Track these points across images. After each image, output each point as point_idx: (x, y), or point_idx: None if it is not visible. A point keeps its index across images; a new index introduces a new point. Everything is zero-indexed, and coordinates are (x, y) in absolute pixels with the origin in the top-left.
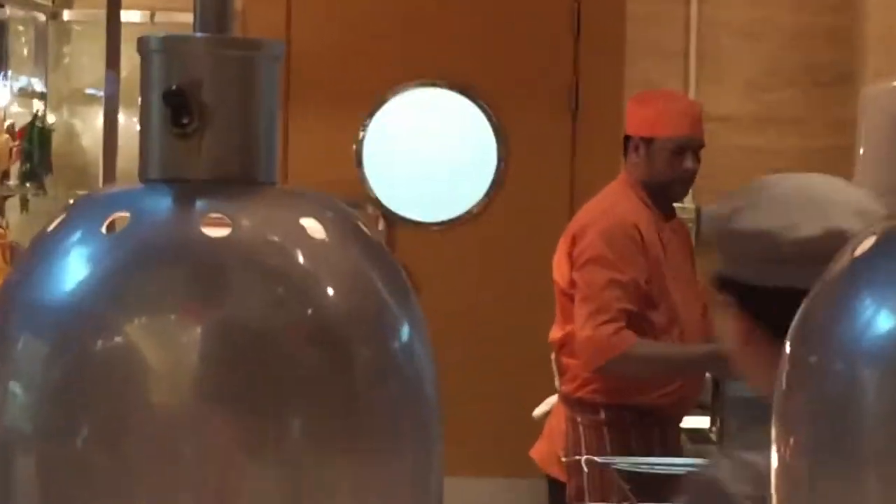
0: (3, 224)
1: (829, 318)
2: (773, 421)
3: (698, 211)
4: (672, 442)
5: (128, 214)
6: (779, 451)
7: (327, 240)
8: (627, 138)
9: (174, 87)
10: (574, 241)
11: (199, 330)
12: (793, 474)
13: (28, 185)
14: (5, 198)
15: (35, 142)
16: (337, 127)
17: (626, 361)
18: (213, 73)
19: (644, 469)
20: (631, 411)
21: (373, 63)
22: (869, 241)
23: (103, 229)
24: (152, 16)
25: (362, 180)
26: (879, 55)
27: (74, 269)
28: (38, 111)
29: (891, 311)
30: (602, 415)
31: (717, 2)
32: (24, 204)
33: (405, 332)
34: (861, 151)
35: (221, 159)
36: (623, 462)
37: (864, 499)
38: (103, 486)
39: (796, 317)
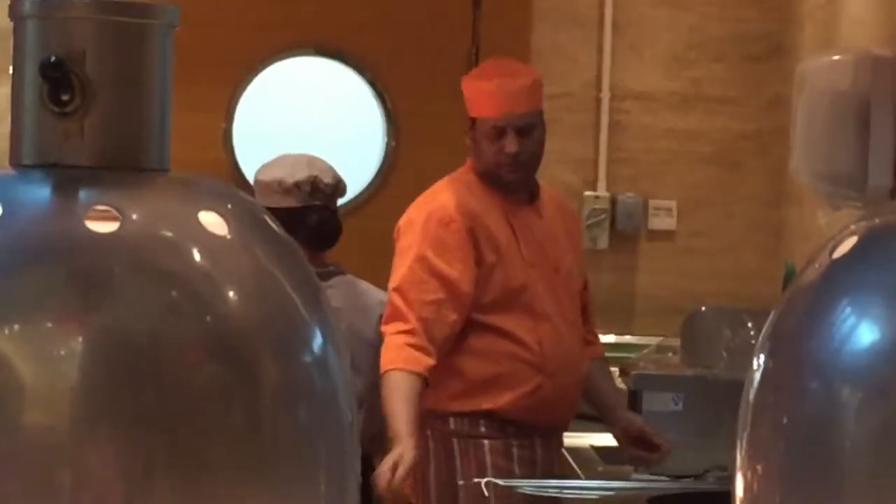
0: None
1: (804, 329)
2: (739, 444)
3: (613, 201)
4: (546, 460)
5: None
6: (744, 478)
7: (229, 237)
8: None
9: (52, 59)
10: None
11: (79, 340)
12: (761, 503)
13: None
14: None
15: None
16: (201, 103)
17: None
18: (99, 43)
19: (552, 493)
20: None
21: (243, 29)
22: (849, 243)
23: None
24: None
25: (231, 164)
26: (816, 25)
27: None
28: None
29: (875, 322)
30: (451, 425)
31: None
32: None
33: (317, 342)
34: (796, 133)
35: (107, 143)
36: (531, 485)
37: None
38: None
39: (766, 329)
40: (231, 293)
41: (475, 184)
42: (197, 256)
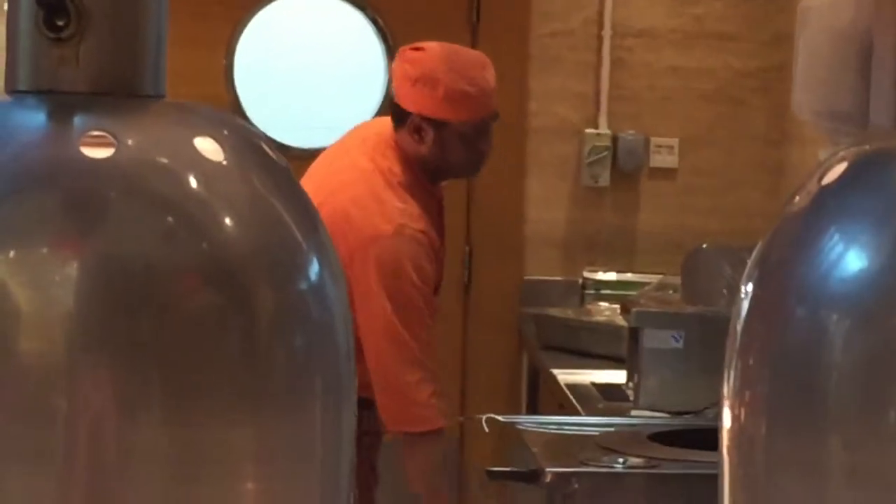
0: None
1: (791, 257)
2: (726, 374)
3: (615, 139)
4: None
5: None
6: (732, 408)
7: (225, 162)
8: (401, 110)
9: None
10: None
11: (75, 266)
12: (748, 433)
13: None
14: None
15: None
16: (203, 40)
17: None
18: None
19: (552, 429)
20: None
21: None
22: (838, 169)
23: None
24: None
25: (233, 100)
26: None
27: None
28: None
29: (862, 250)
30: None
31: None
32: None
33: (314, 268)
34: (798, 71)
35: (103, 69)
36: (530, 421)
37: (827, 462)
38: None
39: (754, 257)
40: (227, 219)
41: (412, 186)
42: (192, 182)
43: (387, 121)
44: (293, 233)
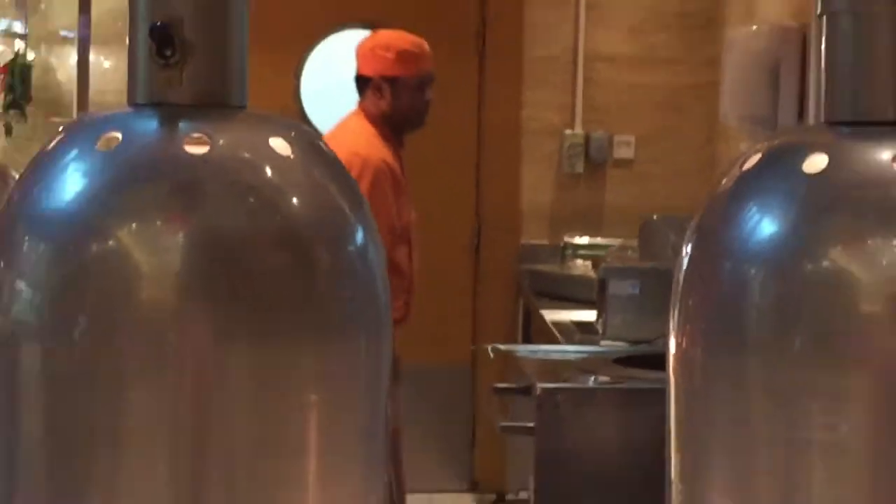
0: None
1: (720, 224)
2: (671, 312)
3: (587, 137)
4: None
5: (118, 135)
6: (676, 337)
7: (292, 157)
8: (364, 79)
9: (159, 24)
10: None
11: (181, 235)
12: (688, 356)
13: (11, 112)
14: None
15: (17, 76)
16: (277, 66)
17: None
18: (194, 11)
19: (541, 355)
20: None
21: (309, 7)
22: (755, 158)
23: (97, 147)
24: None
25: (300, 113)
26: (739, 4)
27: (72, 183)
28: (19, 50)
29: (773, 218)
30: None
31: None
32: (8, 130)
33: (359, 236)
34: (725, 86)
35: (200, 86)
36: (525, 349)
37: (748, 378)
38: (97, 370)
39: (692, 224)
40: (294, 199)
41: (377, 134)
42: (268, 172)
43: (353, 114)
44: (343, 210)
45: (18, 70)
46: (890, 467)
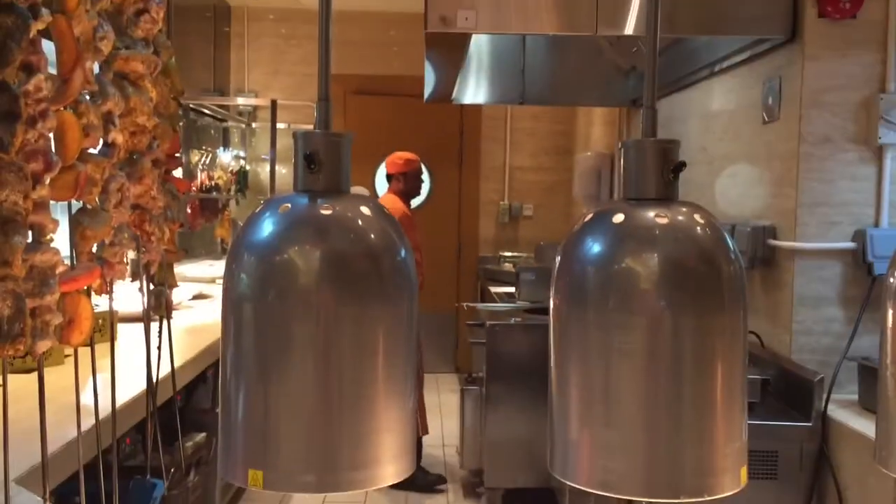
0: (228, 211)
1: (573, 247)
2: (552, 288)
3: (510, 205)
4: None
5: (289, 205)
6: (553, 300)
7: (370, 214)
8: (390, 175)
9: (308, 153)
10: None
11: (318, 252)
12: (558, 309)
13: (237, 194)
14: (228, 200)
15: (241, 177)
16: (358, 172)
17: None
18: (325, 147)
19: (490, 308)
20: None
21: (378, 141)
22: (588, 215)
23: (279, 210)
24: (288, 125)
25: (373, 192)
26: (581, 141)
27: (267, 226)
28: (242, 164)
29: (597, 243)
30: None
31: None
32: (238, 202)
33: (403, 251)
34: (575, 179)
35: (326, 182)
36: (481, 306)
37: (587, 319)
38: (278, 317)
39: (560, 246)
40: (372, 234)
41: (400, 201)
42: (360, 221)
43: (388, 192)
44: (395, 238)
45: (242, 174)
46: (656, 364)
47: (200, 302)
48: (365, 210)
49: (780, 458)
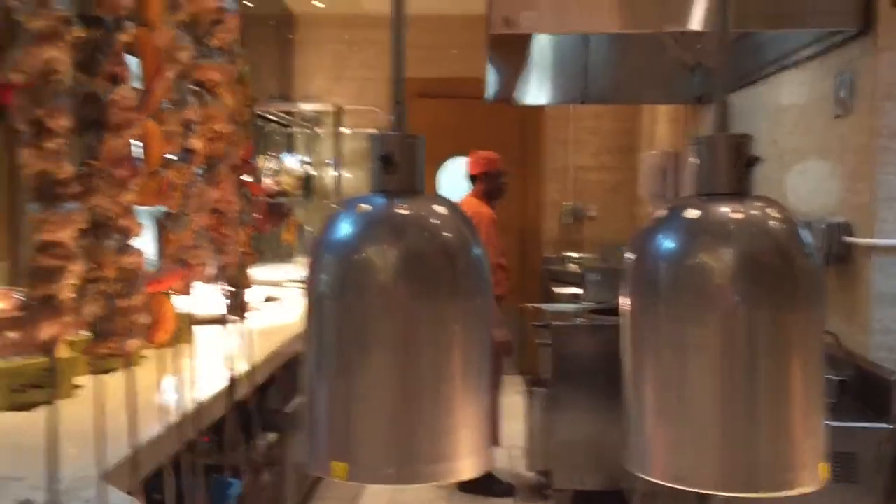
0: (294, 215)
1: (644, 244)
2: (622, 287)
3: (574, 206)
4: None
5: (367, 204)
6: (624, 299)
7: (447, 213)
8: (472, 176)
9: (384, 154)
10: None
11: (395, 250)
12: (629, 308)
13: (303, 198)
14: (294, 204)
15: (307, 182)
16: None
17: None
18: (400, 148)
19: (555, 308)
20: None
21: (442, 144)
22: (659, 213)
23: (356, 210)
24: (352, 130)
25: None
26: (646, 139)
27: (344, 226)
28: (306, 169)
29: (671, 239)
30: None
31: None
32: (302, 206)
33: (477, 250)
34: (641, 179)
35: (402, 183)
36: (545, 306)
37: (659, 317)
38: (356, 312)
39: (629, 244)
40: (447, 232)
41: (484, 203)
42: (435, 220)
43: (469, 194)
44: (468, 237)
45: (307, 179)
46: (730, 359)
47: (269, 304)
48: (440, 209)
49: (858, 460)
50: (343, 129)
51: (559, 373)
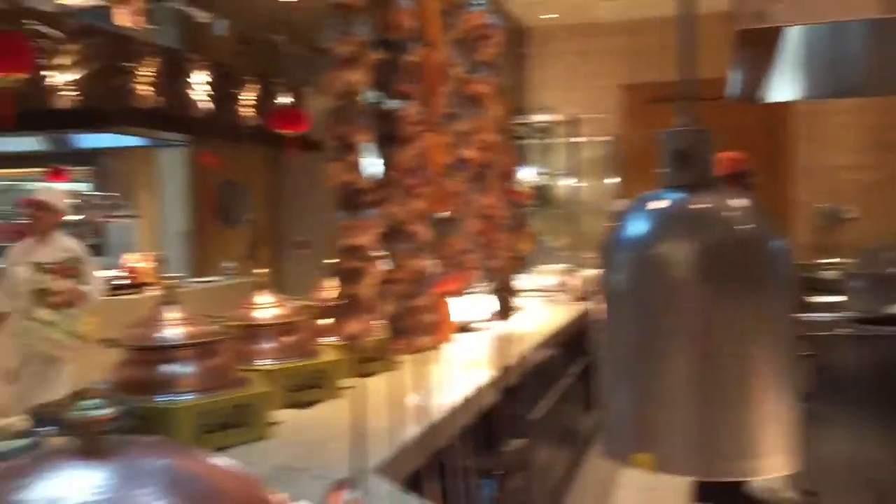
0: (531, 225)
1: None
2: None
3: (822, 208)
4: None
5: (661, 200)
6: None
7: (745, 205)
8: (717, 179)
9: (677, 149)
10: None
11: (690, 245)
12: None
13: (538, 207)
14: (529, 214)
15: (543, 191)
16: None
17: None
18: (692, 143)
19: (815, 318)
20: None
21: None
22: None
23: (651, 206)
24: (587, 138)
25: None
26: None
27: (641, 223)
28: (542, 178)
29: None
30: None
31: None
32: (538, 216)
33: (776, 243)
34: None
35: (696, 177)
36: (808, 316)
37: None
38: (648, 308)
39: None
40: (746, 226)
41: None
42: (731, 214)
43: None
44: (768, 230)
45: (544, 188)
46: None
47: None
48: (737, 202)
49: None
50: (578, 139)
51: (825, 386)
